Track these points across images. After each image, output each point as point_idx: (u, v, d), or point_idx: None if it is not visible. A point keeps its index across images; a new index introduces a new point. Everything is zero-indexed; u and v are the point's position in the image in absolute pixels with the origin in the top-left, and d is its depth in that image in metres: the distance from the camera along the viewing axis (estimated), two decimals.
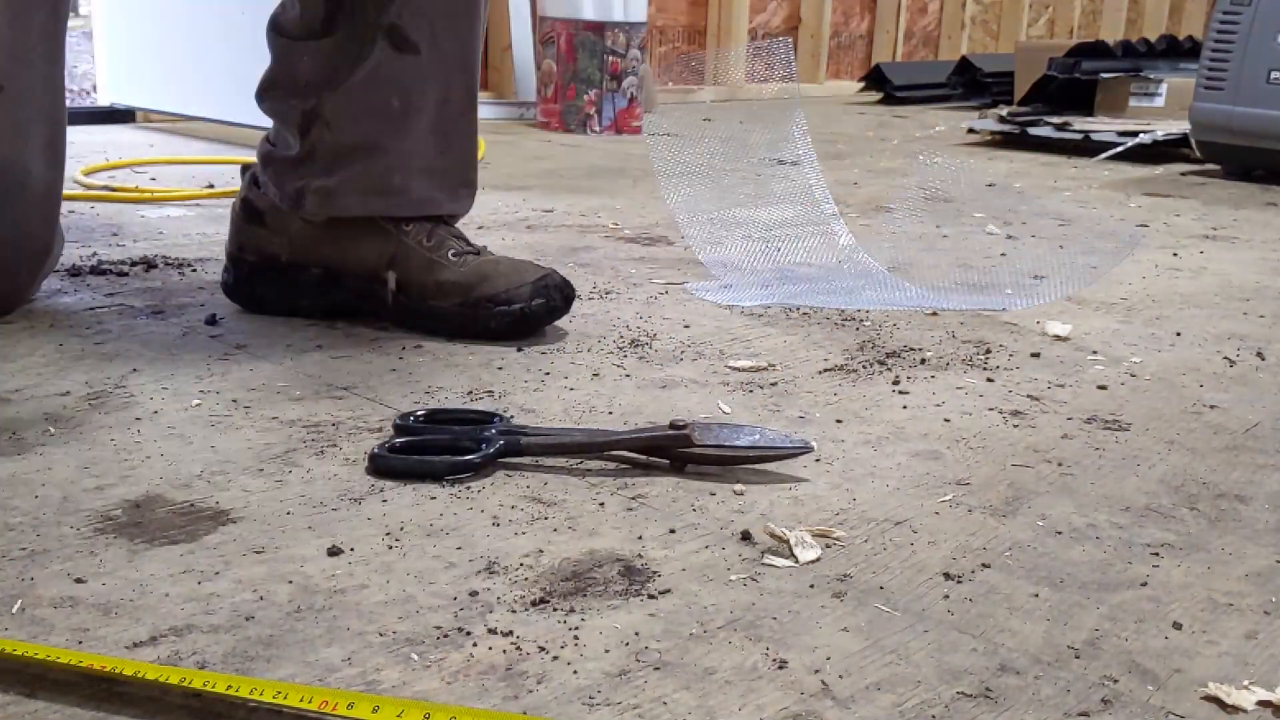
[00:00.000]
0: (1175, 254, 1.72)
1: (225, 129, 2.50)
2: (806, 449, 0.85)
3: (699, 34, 4.24)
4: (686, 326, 1.22)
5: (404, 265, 1.15)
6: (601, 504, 0.78)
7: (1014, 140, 3.07)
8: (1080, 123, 3.03)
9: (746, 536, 0.74)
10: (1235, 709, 0.58)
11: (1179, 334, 1.27)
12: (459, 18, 1.13)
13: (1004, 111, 3.22)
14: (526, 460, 0.84)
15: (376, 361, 1.06)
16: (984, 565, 0.72)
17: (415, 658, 0.59)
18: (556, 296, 1.15)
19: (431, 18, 1.12)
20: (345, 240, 1.16)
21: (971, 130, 3.22)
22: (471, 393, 0.99)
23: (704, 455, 0.84)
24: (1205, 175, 2.62)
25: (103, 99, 2.63)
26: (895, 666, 0.60)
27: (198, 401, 0.94)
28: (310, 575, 0.67)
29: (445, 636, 0.61)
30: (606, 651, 0.60)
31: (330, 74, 1.13)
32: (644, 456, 0.85)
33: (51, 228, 1.16)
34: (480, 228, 1.67)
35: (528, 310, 1.13)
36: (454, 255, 1.16)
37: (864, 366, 1.11)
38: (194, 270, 1.36)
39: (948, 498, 0.82)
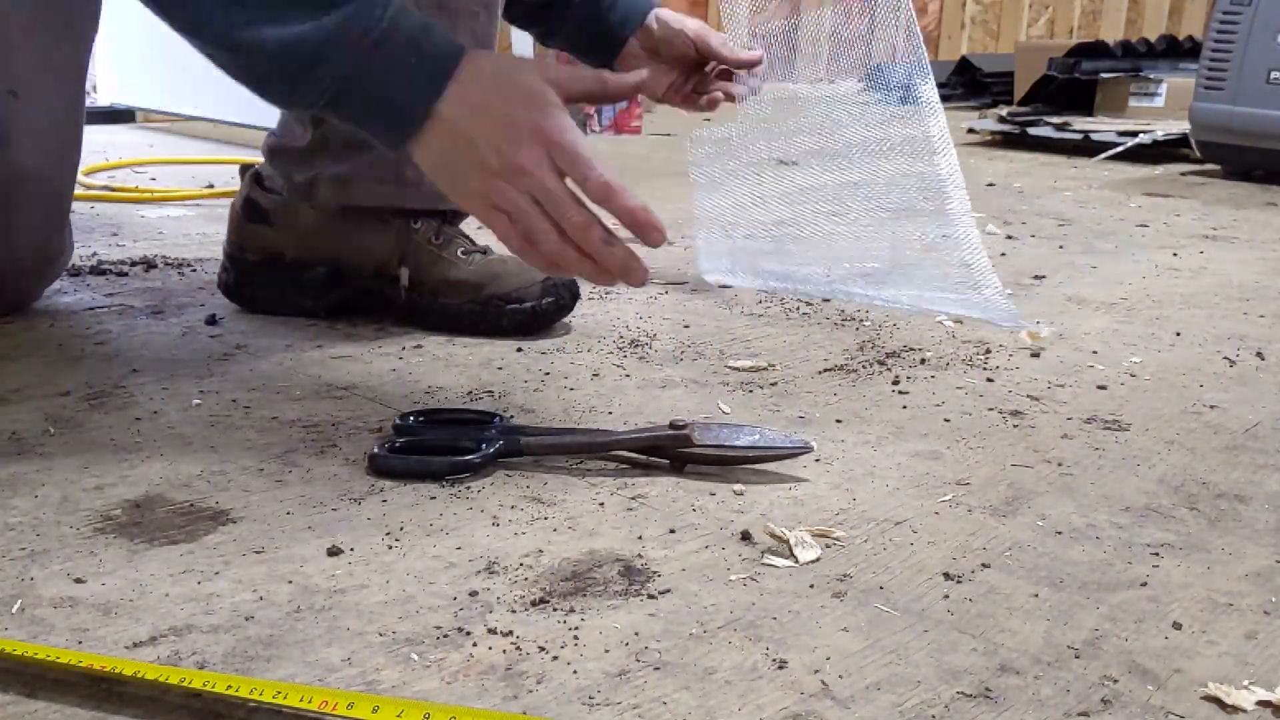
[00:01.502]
0: (1175, 254, 1.72)
1: (225, 129, 2.50)
2: (806, 449, 0.85)
3: None
4: (686, 326, 1.23)
5: (415, 262, 1.16)
6: (601, 504, 0.78)
7: (1014, 140, 3.07)
8: (1080, 123, 3.03)
9: (746, 536, 0.74)
10: (1235, 709, 0.58)
11: (1179, 334, 1.27)
12: (476, 15, 1.14)
13: (1004, 111, 3.22)
14: (526, 460, 0.84)
15: (376, 361, 1.06)
16: (984, 565, 0.72)
17: (415, 658, 0.59)
18: (565, 294, 1.17)
19: (451, 12, 1.12)
20: (355, 237, 1.16)
21: (971, 130, 3.22)
22: (471, 393, 0.99)
23: (704, 455, 0.84)
24: (1205, 175, 2.62)
25: (103, 99, 2.63)
26: (895, 666, 0.60)
27: (198, 401, 0.94)
28: (310, 575, 0.67)
29: (445, 636, 0.61)
30: (606, 651, 0.60)
31: None
32: (644, 456, 0.85)
33: (62, 235, 1.17)
34: (480, 228, 1.67)
35: (539, 308, 1.15)
36: (463, 253, 1.17)
37: (864, 366, 1.11)
38: (194, 270, 1.36)
39: (948, 498, 0.82)
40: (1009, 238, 1.80)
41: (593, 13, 1.24)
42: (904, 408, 1.00)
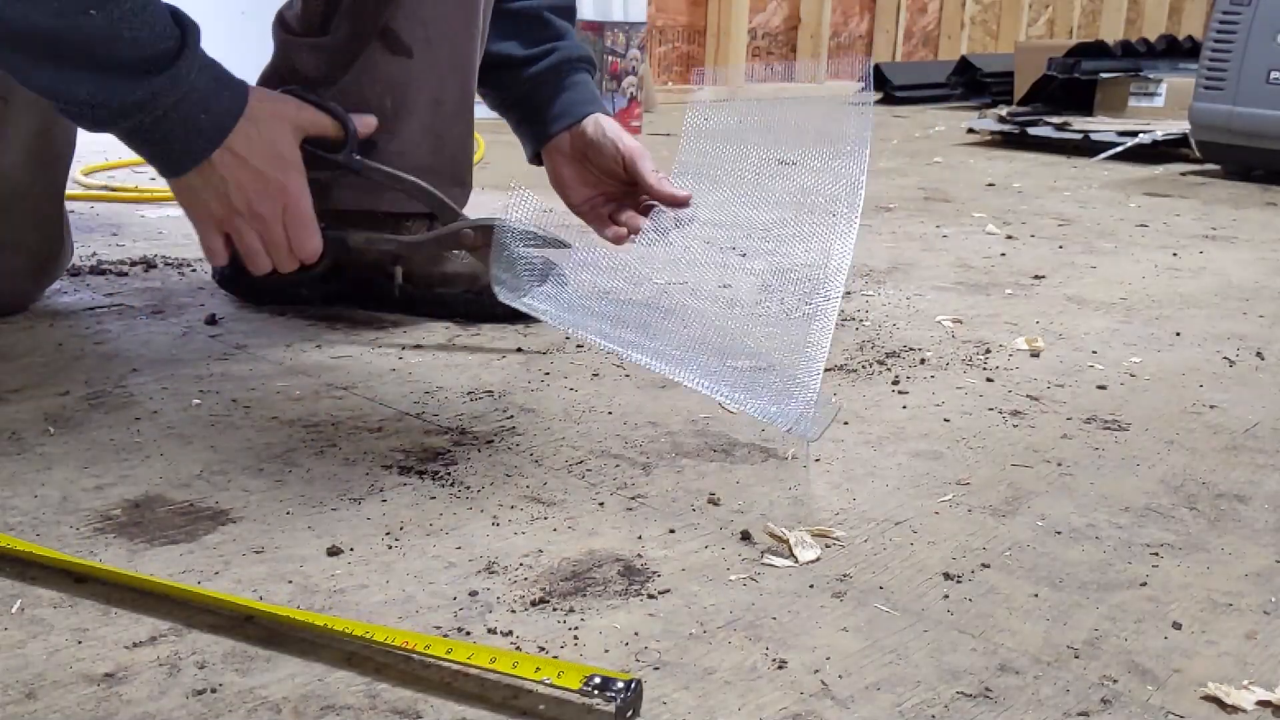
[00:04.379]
0: (1175, 254, 1.72)
1: None
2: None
3: (699, 34, 4.24)
4: (686, 326, 1.22)
5: (409, 259, 1.17)
6: (601, 504, 0.78)
7: (1014, 140, 3.07)
8: (1080, 123, 3.03)
9: (746, 536, 0.74)
10: (1235, 709, 0.58)
11: (1179, 334, 1.27)
12: (454, 22, 1.14)
13: (1004, 111, 3.22)
14: (526, 460, 0.84)
15: (376, 361, 1.06)
16: (984, 565, 0.72)
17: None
18: None
19: (427, 21, 1.12)
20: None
21: (971, 130, 3.22)
22: (472, 393, 0.99)
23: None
24: (1205, 175, 2.62)
25: None
26: (895, 666, 0.60)
27: (198, 401, 0.94)
28: (310, 575, 0.67)
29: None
30: (606, 651, 0.60)
31: (327, 72, 1.13)
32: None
33: (59, 236, 1.16)
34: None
35: None
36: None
37: (864, 366, 1.11)
38: (194, 270, 1.36)
39: (948, 498, 0.82)
40: (1009, 238, 1.80)
41: (535, 98, 1.22)
42: (904, 408, 1.00)
